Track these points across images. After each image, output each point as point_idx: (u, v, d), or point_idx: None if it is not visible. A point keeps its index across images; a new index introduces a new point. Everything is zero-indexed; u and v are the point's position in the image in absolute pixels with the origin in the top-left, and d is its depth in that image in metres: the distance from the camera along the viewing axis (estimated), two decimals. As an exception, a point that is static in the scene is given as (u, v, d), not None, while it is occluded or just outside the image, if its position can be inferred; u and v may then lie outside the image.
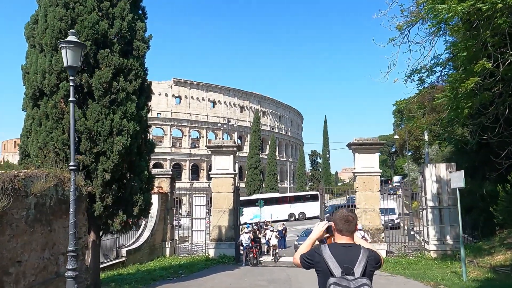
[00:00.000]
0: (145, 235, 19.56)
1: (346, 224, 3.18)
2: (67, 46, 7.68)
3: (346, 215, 3.22)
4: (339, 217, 3.21)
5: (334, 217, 3.29)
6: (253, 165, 59.53)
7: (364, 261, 3.04)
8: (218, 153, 21.07)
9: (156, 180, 21.17)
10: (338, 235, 3.21)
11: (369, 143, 20.27)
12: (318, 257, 3.11)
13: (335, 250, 3.09)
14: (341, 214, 3.23)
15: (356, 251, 3.10)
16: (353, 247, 3.15)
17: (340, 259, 3.01)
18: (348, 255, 3.06)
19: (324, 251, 3.08)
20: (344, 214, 3.23)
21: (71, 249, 7.90)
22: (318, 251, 3.13)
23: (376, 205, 20.15)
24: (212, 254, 20.38)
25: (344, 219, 3.19)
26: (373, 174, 20.27)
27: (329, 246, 3.16)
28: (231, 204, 20.65)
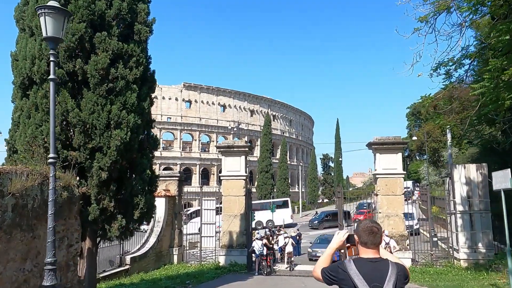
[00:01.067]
0: (151, 241, 18.15)
1: (371, 236, 2.94)
2: (46, 13, 6.34)
3: (370, 226, 2.97)
4: (363, 229, 2.97)
5: (357, 229, 3.03)
6: (264, 168, 57.88)
7: (394, 278, 2.81)
8: (228, 153, 19.63)
9: (163, 182, 19.87)
10: (363, 249, 2.96)
11: (391, 142, 18.62)
12: (342, 273, 2.86)
13: (361, 266, 2.85)
14: (365, 226, 2.99)
15: (384, 267, 2.87)
16: (380, 262, 2.91)
17: (368, 276, 2.79)
18: (376, 271, 2.83)
19: (349, 267, 2.84)
20: (368, 225, 2.99)
21: (49, 261, 6.47)
22: (342, 267, 2.87)
23: (399, 210, 18.46)
24: (223, 262, 18.87)
25: (368, 230, 2.95)
26: (396, 175, 18.59)
27: (355, 261, 2.90)
28: (242, 208, 19.16)
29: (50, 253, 6.48)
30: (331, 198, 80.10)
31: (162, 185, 19.91)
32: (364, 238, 2.94)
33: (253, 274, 17.21)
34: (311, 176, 76.36)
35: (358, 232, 3.01)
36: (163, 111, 74.46)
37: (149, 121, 11.45)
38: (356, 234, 3.02)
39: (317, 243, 24.07)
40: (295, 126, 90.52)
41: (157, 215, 18.92)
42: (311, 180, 75.72)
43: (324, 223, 44.44)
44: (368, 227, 2.96)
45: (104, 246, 15.58)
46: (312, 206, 69.59)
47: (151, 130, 11.64)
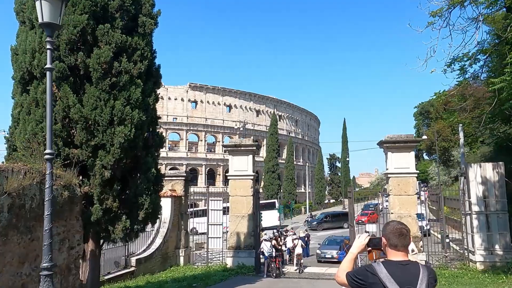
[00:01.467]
0: (157, 242, 17.68)
1: (401, 238, 2.83)
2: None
3: (399, 228, 2.88)
4: (392, 231, 2.88)
5: (385, 231, 2.92)
6: (271, 169, 57.25)
7: (426, 280, 2.70)
8: (236, 153, 19.11)
9: (169, 182, 19.41)
10: (392, 251, 2.85)
11: (403, 140, 17.99)
12: (372, 277, 2.73)
13: (392, 268, 2.73)
14: (394, 228, 2.89)
15: (415, 270, 2.76)
16: (411, 265, 2.81)
17: (399, 280, 2.67)
18: (407, 274, 2.72)
19: (380, 271, 2.72)
20: (397, 227, 2.89)
21: (45, 266, 5.99)
22: (371, 270, 2.76)
23: (412, 210, 17.82)
24: (230, 264, 18.35)
25: (397, 232, 2.85)
26: (409, 175, 17.95)
27: (384, 264, 2.78)
28: (250, 209, 18.63)
29: (47, 257, 5.99)
30: (338, 199, 79.33)
31: (168, 185, 19.45)
32: (393, 241, 2.83)
33: (261, 276, 16.68)
34: (318, 176, 75.60)
35: (386, 234, 2.90)
36: (169, 111, 74.16)
37: (154, 118, 10.98)
38: (384, 237, 2.91)
39: (325, 245, 23.48)
40: (301, 126, 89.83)
41: (163, 216, 18.46)
42: (318, 181, 74.96)
43: (323, 224, 43.44)
44: (397, 229, 2.86)
45: (108, 247, 15.14)
46: (319, 206, 68.88)
47: (156, 127, 11.16)
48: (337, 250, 21.82)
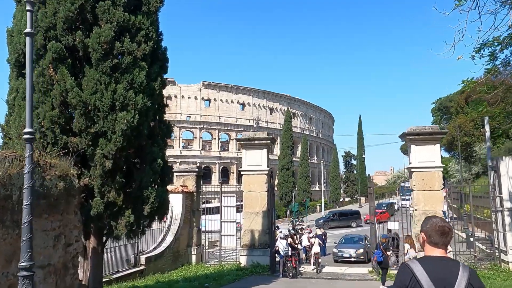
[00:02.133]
0: (167, 240, 16.89)
1: (443, 237, 2.66)
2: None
3: (442, 226, 2.69)
4: (433, 228, 2.69)
5: (426, 227, 2.74)
6: (285, 166, 56.05)
7: (465, 281, 2.46)
8: (249, 147, 18.18)
9: (180, 178, 18.60)
10: (431, 248, 2.68)
11: (428, 132, 16.76)
12: (408, 275, 2.54)
13: (429, 266, 2.54)
14: (436, 225, 2.70)
15: (454, 268, 2.55)
16: (450, 262, 2.62)
17: (436, 278, 2.48)
18: (445, 272, 2.52)
19: (415, 268, 2.54)
20: (440, 224, 2.69)
21: (23, 266, 5.14)
22: (406, 270, 2.57)
23: (438, 207, 16.59)
24: (244, 262, 17.44)
25: (440, 230, 2.66)
26: (434, 169, 16.72)
27: (421, 261, 2.60)
28: (264, 205, 17.67)
29: (25, 255, 5.14)
30: (354, 197, 77.61)
31: (179, 181, 18.67)
32: (435, 239, 2.69)
33: (277, 276, 15.71)
34: (333, 174, 74.02)
35: (426, 231, 2.74)
36: (182, 110, 73.83)
37: (161, 105, 10.13)
38: (425, 233, 2.74)
39: (342, 243, 22.26)
40: (315, 124, 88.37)
41: (174, 212, 17.69)
42: (332, 178, 73.39)
43: (330, 223, 41.87)
44: (440, 227, 2.70)
45: (117, 245, 14.41)
46: (335, 205, 67.42)
47: (164, 115, 10.29)
48: (355, 249, 20.64)
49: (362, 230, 37.18)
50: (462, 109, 38.01)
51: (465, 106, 37.58)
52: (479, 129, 33.58)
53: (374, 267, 16.80)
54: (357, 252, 20.42)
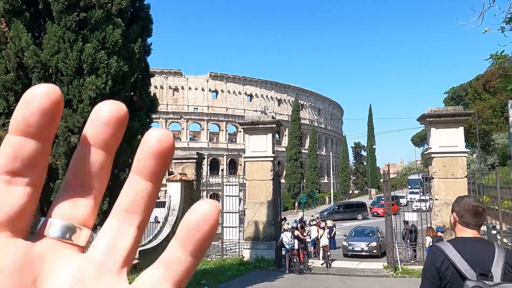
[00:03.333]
0: (164, 231, 15.45)
1: (477, 217, 2.44)
2: None
3: (476, 205, 2.49)
4: (466, 208, 2.47)
5: (458, 207, 2.51)
6: (293, 156, 54.31)
7: (503, 261, 2.25)
8: (253, 131, 16.59)
9: (179, 165, 17.10)
10: (463, 228, 2.46)
11: (450, 113, 14.98)
12: (440, 260, 2.32)
13: (461, 246, 2.34)
14: (469, 204, 2.47)
15: (489, 248, 2.37)
16: (483, 241, 2.50)
17: (471, 258, 2.27)
18: (479, 252, 2.33)
19: (448, 250, 2.33)
20: (473, 204, 2.48)
21: None
22: (438, 253, 2.36)
23: (461, 196, 14.83)
24: (247, 256, 15.95)
25: (473, 210, 2.45)
26: (457, 154, 14.98)
27: (452, 242, 2.42)
28: (270, 194, 16.11)
29: None
30: (364, 188, 75.64)
31: (178, 169, 17.18)
32: (468, 219, 2.45)
33: (283, 272, 14.19)
34: (342, 165, 72.04)
35: (458, 211, 2.50)
36: (189, 101, 72.53)
37: (144, 75, 8.56)
38: (456, 213, 2.51)
39: (352, 236, 20.54)
40: (324, 116, 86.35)
41: (172, 202, 16.24)
42: (342, 170, 71.43)
43: (334, 215, 39.22)
44: (473, 207, 2.47)
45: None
46: (344, 197, 65.59)
47: (149, 87, 8.73)
48: (367, 243, 18.94)
49: (369, 222, 35.54)
50: (479, 95, 35.79)
51: (483, 92, 35.40)
52: (498, 116, 31.49)
53: (389, 262, 15.18)
54: (369, 245, 18.75)
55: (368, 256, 18.26)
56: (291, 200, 50.81)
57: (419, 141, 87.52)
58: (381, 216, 42.21)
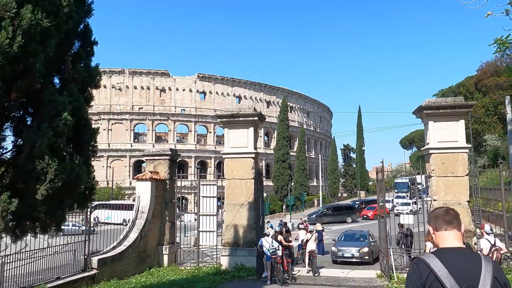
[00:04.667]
0: (131, 237, 13.48)
1: (448, 216, 2.27)
2: None
3: (445, 209, 2.35)
4: (437, 216, 2.32)
5: (430, 219, 2.39)
6: (281, 158, 52.50)
7: (490, 276, 2.03)
8: (233, 125, 14.80)
9: (151, 163, 15.19)
10: (441, 235, 2.25)
11: (450, 105, 13.38)
12: (425, 275, 2.07)
13: (446, 258, 2.09)
14: (438, 211, 2.35)
15: (475, 260, 2.11)
16: (469, 254, 2.18)
17: (457, 273, 2.04)
18: (466, 265, 2.07)
19: (432, 263, 2.08)
20: (442, 209, 2.36)
21: None
22: (422, 267, 2.11)
23: (463, 196, 13.25)
24: (225, 264, 14.09)
25: (442, 213, 2.31)
26: (458, 150, 13.39)
27: (437, 255, 2.15)
28: (251, 195, 14.31)
29: None
30: (353, 191, 74.24)
31: (150, 166, 15.26)
32: (440, 222, 2.27)
33: (264, 281, 12.37)
34: (331, 167, 70.53)
35: (431, 221, 2.35)
36: (177, 103, 70.49)
37: (85, 40, 6.69)
38: (431, 225, 2.35)
39: (342, 241, 18.75)
40: (313, 118, 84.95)
41: (140, 204, 14.30)
42: (331, 172, 69.91)
43: (323, 218, 37.60)
44: (443, 210, 2.33)
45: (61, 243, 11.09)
46: (333, 199, 64.04)
47: (90, 58, 6.86)
48: (357, 248, 17.19)
49: (359, 226, 33.89)
50: (471, 94, 34.61)
51: (475, 91, 34.20)
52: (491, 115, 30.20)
53: (383, 270, 13.47)
54: (360, 251, 17.01)
55: (359, 263, 16.52)
56: (279, 203, 48.97)
57: (407, 144, 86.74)
58: (370, 219, 40.79)
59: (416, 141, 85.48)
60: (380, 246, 13.96)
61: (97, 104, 68.42)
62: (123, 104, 68.66)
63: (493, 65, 32.97)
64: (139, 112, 68.93)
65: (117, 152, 64.20)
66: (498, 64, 32.05)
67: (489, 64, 34.12)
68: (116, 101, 68.63)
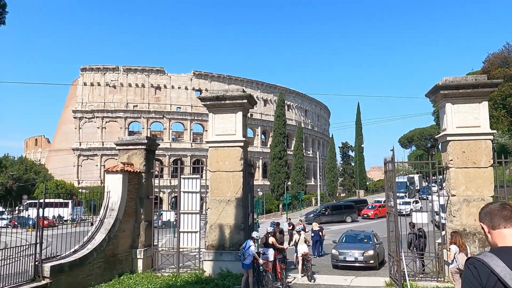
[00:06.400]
0: (97, 238, 11.27)
1: (505, 210, 1.99)
2: None
3: (501, 204, 2.07)
4: (492, 212, 2.04)
5: (483, 215, 2.09)
6: (277, 155, 50.18)
7: None
8: (218, 109, 12.66)
9: (124, 153, 13.02)
10: (500, 234, 1.98)
11: (472, 83, 11.25)
12: (485, 273, 1.78)
13: (509, 257, 1.81)
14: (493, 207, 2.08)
15: None
16: None
17: None
18: None
19: (494, 263, 1.79)
20: (498, 204, 2.08)
21: None
22: (482, 269, 1.79)
23: (487, 191, 11.12)
24: (209, 270, 11.92)
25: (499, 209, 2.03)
26: (481, 136, 11.27)
27: (498, 254, 1.84)
28: (239, 190, 12.14)
29: None
30: (351, 190, 71.99)
31: (123, 157, 13.06)
32: (498, 219, 1.98)
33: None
34: (330, 165, 68.25)
35: (482, 218, 2.06)
36: (172, 100, 68.31)
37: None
38: (483, 223, 2.06)
39: (343, 242, 16.59)
40: (310, 117, 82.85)
41: (110, 200, 12.10)
42: (329, 170, 67.60)
43: (321, 218, 35.40)
44: (499, 206, 2.05)
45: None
46: (331, 198, 61.82)
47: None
48: (361, 251, 15.04)
49: (359, 225, 31.76)
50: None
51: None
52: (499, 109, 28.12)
53: (393, 277, 11.33)
54: (364, 254, 14.86)
55: (364, 268, 14.38)
56: (275, 202, 46.73)
57: (406, 143, 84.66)
58: (371, 218, 38.66)
59: (416, 139, 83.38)
60: (389, 249, 11.81)
61: (91, 101, 66.32)
62: (118, 102, 66.44)
63: (500, 56, 31.06)
64: (133, 110, 66.74)
65: (111, 151, 61.83)
66: (505, 55, 30.21)
67: (497, 55, 32.14)
68: (110, 98, 66.42)
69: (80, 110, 65.66)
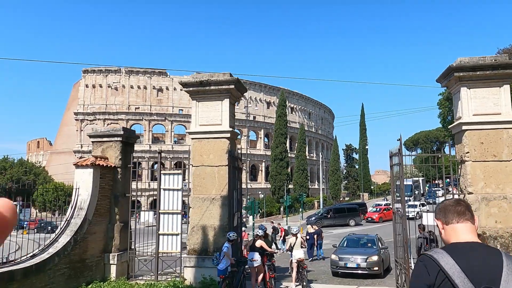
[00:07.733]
0: (61, 241, 9.78)
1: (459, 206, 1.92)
2: None
3: (456, 200, 2.03)
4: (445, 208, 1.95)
5: (437, 211, 2.00)
6: (279, 156, 48.49)
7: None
8: (202, 96, 11.19)
9: (98, 146, 11.55)
10: (452, 228, 1.88)
11: (491, 64, 9.65)
12: (433, 270, 1.70)
13: (459, 255, 1.73)
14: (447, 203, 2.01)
15: (495, 258, 1.71)
16: (486, 249, 1.79)
17: (471, 270, 1.66)
18: (483, 263, 1.68)
19: (443, 260, 1.71)
20: (452, 200, 2.04)
21: None
22: (430, 264, 1.72)
23: (510, 188, 9.48)
24: (190, 278, 10.38)
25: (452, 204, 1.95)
26: (502, 125, 9.65)
27: (448, 250, 1.76)
28: (225, 187, 10.61)
29: None
30: (356, 193, 69.99)
31: (97, 150, 11.60)
32: (451, 215, 1.89)
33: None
34: (333, 167, 66.34)
35: (439, 213, 1.97)
36: (174, 103, 67.17)
37: None
38: (439, 219, 1.97)
39: (344, 247, 14.93)
40: (314, 119, 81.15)
41: (78, 198, 10.61)
42: (332, 173, 65.72)
43: (323, 221, 33.66)
44: (453, 201, 1.98)
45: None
46: (335, 201, 59.91)
47: None
48: (364, 256, 13.39)
49: (363, 229, 29.97)
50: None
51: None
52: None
53: (400, 287, 9.70)
54: (368, 260, 13.22)
55: (367, 276, 12.74)
56: (276, 205, 45.01)
57: (411, 146, 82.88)
58: (375, 221, 36.88)
59: (421, 142, 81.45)
60: (396, 255, 10.19)
61: (93, 103, 65.39)
62: (119, 104, 65.46)
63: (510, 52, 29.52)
64: (135, 112, 65.69)
65: (111, 152, 60.57)
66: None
67: (506, 51, 30.60)
68: (112, 100, 65.46)
69: (81, 112, 64.75)
